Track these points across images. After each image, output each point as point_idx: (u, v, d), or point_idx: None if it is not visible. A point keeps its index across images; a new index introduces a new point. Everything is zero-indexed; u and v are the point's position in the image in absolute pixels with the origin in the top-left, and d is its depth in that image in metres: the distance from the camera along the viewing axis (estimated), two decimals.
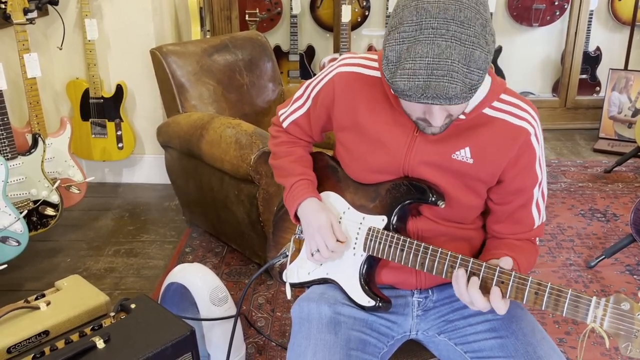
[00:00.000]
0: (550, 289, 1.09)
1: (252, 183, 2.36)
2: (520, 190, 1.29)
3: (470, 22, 1.02)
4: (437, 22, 1.02)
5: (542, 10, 4.54)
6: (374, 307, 1.31)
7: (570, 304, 1.07)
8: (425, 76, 1.02)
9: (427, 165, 1.27)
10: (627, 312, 1.03)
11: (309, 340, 1.27)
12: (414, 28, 1.03)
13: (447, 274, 1.20)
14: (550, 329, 2.25)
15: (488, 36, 1.05)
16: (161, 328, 1.56)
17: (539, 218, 1.34)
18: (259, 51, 3.06)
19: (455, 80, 1.02)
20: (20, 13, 2.58)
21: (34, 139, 2.67)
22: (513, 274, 1.13)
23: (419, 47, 1.03)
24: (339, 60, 1.39)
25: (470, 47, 1.02)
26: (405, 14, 1.05)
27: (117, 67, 3.34)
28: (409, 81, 1.04)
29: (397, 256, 1.26)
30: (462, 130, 1.25)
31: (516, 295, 1.12)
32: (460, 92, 1.03)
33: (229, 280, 2.58)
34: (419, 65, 1.03)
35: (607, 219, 3.10)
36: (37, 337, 1.64)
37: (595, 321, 1.05)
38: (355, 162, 1.37)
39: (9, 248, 2.43)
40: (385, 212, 1.31)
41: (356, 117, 1.33)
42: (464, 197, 1.29)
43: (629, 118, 4.09)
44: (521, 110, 1.26)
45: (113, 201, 3.39)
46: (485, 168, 1.26)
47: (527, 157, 1.26)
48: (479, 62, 1.03)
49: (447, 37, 1.01)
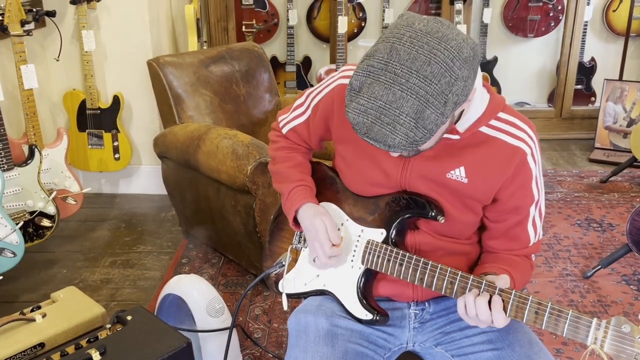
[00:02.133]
0: (550, 309, 1.09)
1: (248, 194, 2.36)
2: (515, 209, 1.28)
3: (434, 79, 1.01)
4: (402, 70, 1.02)
5: (537, 21, 4.57)
6: (371, 321, 1.31)
7: (571, 324, 1.07)
8: (373, 117, 1.04)
9: (423, 179, 1.27)
10: (628, 334, 1.02)
11: (306, 353, 1.27)
12: (381, 66, 1.04)
13: (446, 290, 1.19)
14: (547, 339, 2.25)
15: (451, 95, 1.03)
16: (157, 340, 1.56)
17: (535, 235, 1.33)
18: (255, 62, 3.07)
19: (397, 132, 1.03)
20: (18, 24, 2.59)
21: (30, 150, 2.67)
22: (513, 292, 1.13)
23: (377, 88, 1.04)
24: (340, 72, 1.39)
25: (423, 104, 1.01)
26: (380, 48, 1.05)
27: (114, 78, 3.35)
28: (358, 116, 1.06)
29: (396, 271, 1.26)
30: (457, 149, 1.24)
31: (516, 314, 1.12)
32: (398, 144, 1.04)
33: (226, 291, 2.58)
34: (372, 105, 1.04)
35: (604, 229, 3.11)
36: (33, 349, 1.63)
37: (595, 343, 1.05)
38: (353, 175, 1.37)
39: (5, 259, 2.42)
40: (385, 225, 1.31)
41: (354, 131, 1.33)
42: (459, 214, 1.29)
43: (624, 128, 4.11)
44: (518, 129, 1.25)
45: (109, 212, 3.38)
46: (480, 188, 1.25)
47: (522, 177, 1.25)
48: (426, 122, 1.02)
49: (405, 87, 1.01)
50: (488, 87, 1.28)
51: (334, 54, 4.39)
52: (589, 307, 2.47)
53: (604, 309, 2.45)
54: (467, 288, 1.17)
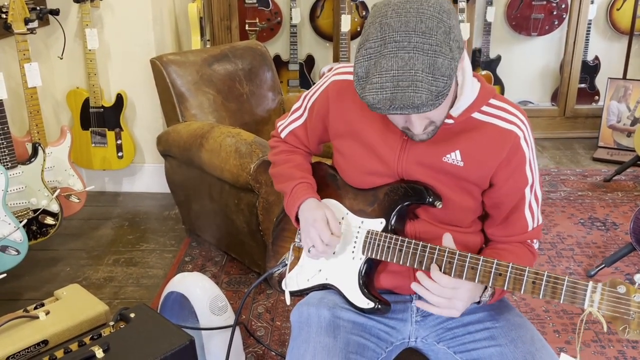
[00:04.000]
0: (547, 277, 1.11)
1: (251, 192, 2.36)
2: (511, 192, 1.31)
3: (431, 32, 1.05)
4: (400, 35, 1.06)
5: (541, 19, 4.56)
6: (373, 309, 1.32)
7: (568, 290, 1.09)
8: (391, 88, 1.06)
9: (420, 165, 1.30)
10: (624, 295, 1.05)
11: (308, 344, 1.28)
12: (379, 43, 1.08)
13: (445, 269, 1.21)
14: (550, 338, 2.25)
15: (452, 42, 1.07)
16: (160, 337, 1.56)
17: (533, 220, 1.35)
18: (258, 60, 3.07)
19: (420, 89, 1.05)
20: (21, 23, 2.60)
21: (34, 148, 2.67)
22: (510, 265, 1.15)
23: (384, 61, 1.07)
24: (333, 70, 1.43)
25: (432, 56, 1.05)
26: (371, 31, 1.10)
27: (117, 76, 3.35)
28: (377, 94, 1.08)
29: (396, 257, 1.28)
30: (451, 134, 1.28)
31: (514, 285, 1.14)
32: (426, 100, 1.06)
33: (229, 289, 2.58)
34: (385, 79, 1.07)
35: (607, 228, 3.10)
36: (36, 346, 1.64)
37: (592, 305, 1.07)
38: (351, 167, 1.39)
39: (9, 257, 2.42)
40: (384, 214, 1.33)
41: (350, 124, 1.36)
42: (458, 198, 1.31)
43: (628, 127, 4.10)
44: (510, 114, 1.28)
45: (113, 210, 3.39)
46: (475, 170, 1.28)
47: (517, 160, 1.28)
48: (442, 69, 1.05)
49: (409, 48, 1.05)
50: (478, 77, 1.32)
51: (337, 53, 4.38)
52: None
53: None
54: (464, 267, 1.19)
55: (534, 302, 2.47)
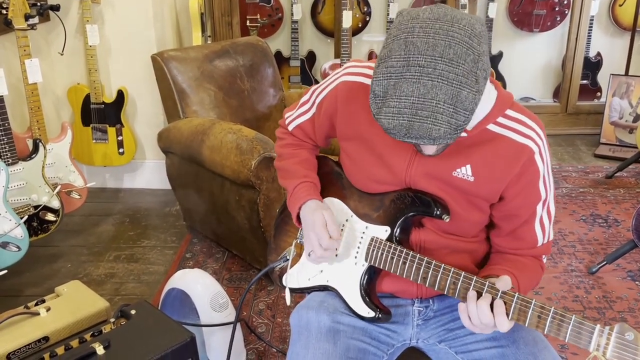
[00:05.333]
0: (553, 313, 1.07)
1: (252, 188, 2.36)
2: (522, 207, 1.26)
3: (459, 60, 0.99)
4: (425, 60, 0.99)
5: (543, 15, 4.54)
6: (373, 319, 1.31)
7: (573, 330, 1.06)
8: (409, 115, 1.01)
9: (429, 177, 1.26)
10: (631, 342, 1.01)
11: (308, 350, 1.27)
12: (402, 64, 1.01)
13: (449, 290, 1.18)
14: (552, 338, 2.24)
15: (479, 72, 1.01)
16: (161, 334, 1.56)
17: (544, 236, 1.31)
18: (259, 57, 3.06)
19: (440, 121, 1.00)
20: (22, 19, 2.59)
21: (34, 144, 2.67)
22: (516, 295, 1.11)
23: (405, 85, 1.01)
24: (344, 68, 1.38)
25: (457, 87, 0.99)
26: (394, 47, 1.03)
27: (118, 72, 3.35)
28: (393, 119, 1.03)
29: (399, 269, 1.25)
30: (464, 147, 1.22)
31: (518, 317, 1.11)
32: (444, 134, 1.01)
33: (230, 286, 2.58)
34: (404, 104, 1.01)
35: (609, 225, 3.10)
36: (37, 343, 1.64)
37: (598, 350, 1.03)
38: (358, 171, 1.36)
39: (9, 253, 2.42)
40: (389, 222, 1.30)
41: (359, 128, 1.32)
42: (466, 213, 1.27)
43: (630, 123, 4.09)
44: (526, 127, 1.23)
45: (114, 206, 3.39)
46: (486, 186, 1.24)
47: (530, 175, 1.23)
48: (465, 103, 1.00)
49: (433, 76, 0.99)
50: (495, 83, 1.26)
51: (339, 49, 4.37)
52: (594, 302, 2.46)
53: (609, 304, 2.45)
54: (469, 289, 1.15)
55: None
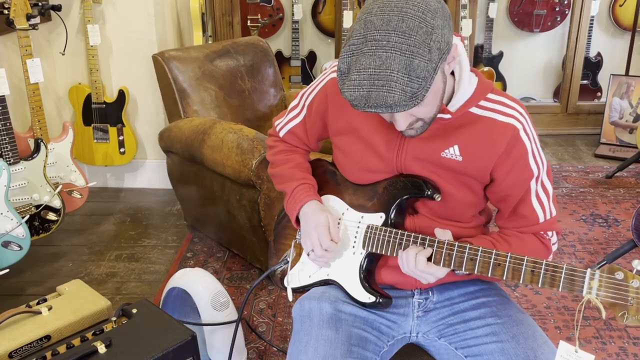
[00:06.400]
0: (545, 266, 1.11)
1: (253, 188, 2.36)
2: (515, 185, 1.30)
3: (411, 32, 1.05)
4: (380, 34, 1.07)
5: (543, 15, 4.55)
6: (374, 303, 1.32)
7: (566, 278, 1.09)
8: (367, 86, 1.07)
9: (418, 160, 1.30)
10: (622, 281, 1.05)
11: (310, 336, 1.28)
12: (361, 40, 1.09)
13: (444, 262, 1.22)
14: (551, 334, 2.25)
15: (433, 43, 1.07)
16: (162, 333, 1.57)
17: (544, 212, 1.33)
18: (260, 56, 3.06)
19: (394, 89, 1.05)
20: (23, 19, 2.60)
21: (36, 144, 2.68)
22: (509, 255, 1.15)
23: (363, 59, 1.08)
24: (330, 68, 1.43)
25: (409, 57, 1.05)
26: (355, 27, 1.11)
27: (119, 72, 3.35)
28: (354, 91, 1.09)
29: (396, 251, 1.28)
30: (449, 129, 1.27)
31: (513, 275, 1.14)
32: (399, 101, 1.06)
33: (231, 285, 2.58)
34: (363, 77, 1.08)
35: (609, 225, 3.10)
36: (39, 341, 1.64)
37: (590, 293, 1.07)
38: (351, 163, 1.40)
39: (11, 253, 2.43)
40: (383, 209, 1.33)
41: (349, 120, 1.36)
42: (457, 193, 1.31)
43: (630, 123, 4.09)
44: (508, 107, 1.28)
45: (115, 206, 3.39)
46: (474, 165, 1.28)
47: (517, 152, 1.27)
48: (417, 71, 1.05)
49: (387, 48, 1.06)
50: (476, 72, 1.31)
51: (339, 49, 4.38)
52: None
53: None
54: (463, 258, 1.19)
55: (535, 298, 2.47)
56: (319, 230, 1.34)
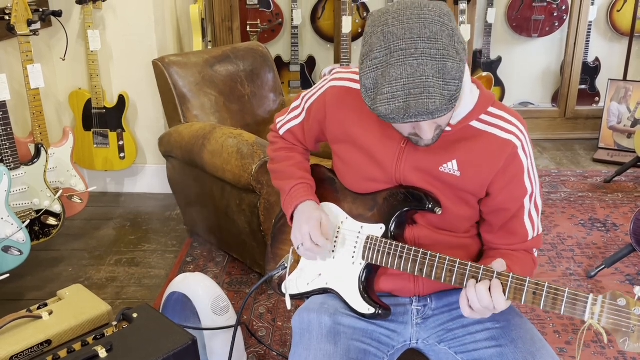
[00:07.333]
0: (547, 289, 1.11)
1: (253, 193, 2.37)
2: (510, 201, 1.30)
3: (437, 36, 1.05)
4: (405, 43, 1.05)
5: (542, 21, 4.56)
6: (373, 315, 1.32)
7: (568, 302, 1.09)
8: (403, 97, 1.06)
9: (417, 171, 1.29)
10: (624, 308, 1.05)
11: (309, 351, 1.28)
12: (384, 53, 1.07)
13: (445, 278, 1.21)
14: (550, 338, 2.26)
15: (457, 45, 1.07)
16: (163, 337, 1.57)
17: (533, 230, 1.34)
18: (260, 62, 3.08)
19: (433, 94, 1.05)
20: (24, 24, 2.61)
21: (36, 149, 2.68)
22: (511, 275, 1.15)
23: (393, 70, 1.06)
24: (331, 75, 1.43)
25: (441, 61, 1.05)
26: (374, 41, 1.09)
27: (119, 77, 3.36)
28: (389, 105, 1.07)
29: (396, 263, 1.27)
30: (449, 142, 1.27)
31: (514, 295, 1.14)
32: (440, 105, 1.06)
33: (230, 289, 2.59)
34: (396, 88, 1.06)
35: (607, 229, 3.11)
36: (40, 346, 1.65)
37: (592, 318, 1.07)
38: (350, 172, 1.40)
39: (11, 257, 2.44)
40: (383, 220, 1.33)
41: (348, 130, 1.36)
42: (454, 207, 1.31)
43: (628, 128, 4.10)
44: (508, 123, 1.27)
45: (115, 211, 3.40)
46: (472, 180, 1.27)
47: (514, 169, 1.27)
48: (452, 73, 1.05)
49: (417, 55, 1.05)
50: (477, 83, 1.31)
51: (338, 54, 4.39)
52: None
53: None
54: (465, 275, 1.18)
55: None
56: (311, 223, 1.34)
